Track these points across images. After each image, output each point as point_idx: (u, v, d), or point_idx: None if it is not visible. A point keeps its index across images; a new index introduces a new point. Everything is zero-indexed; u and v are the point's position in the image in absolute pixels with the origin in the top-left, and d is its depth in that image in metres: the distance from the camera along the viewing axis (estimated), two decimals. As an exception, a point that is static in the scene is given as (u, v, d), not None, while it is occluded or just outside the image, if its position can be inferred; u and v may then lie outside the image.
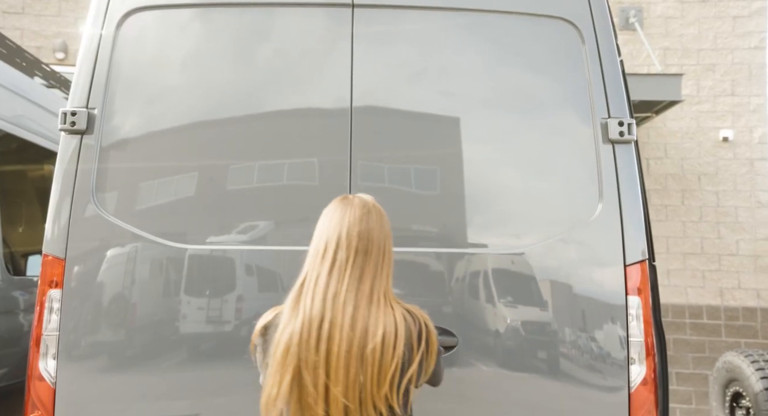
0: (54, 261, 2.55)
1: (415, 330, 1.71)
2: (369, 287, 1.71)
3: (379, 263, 1.76)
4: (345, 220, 1.79)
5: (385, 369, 1.64)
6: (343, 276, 1.71)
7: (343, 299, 1.68)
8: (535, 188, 2.70)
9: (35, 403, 2.47)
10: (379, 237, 1.78)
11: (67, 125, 2.63)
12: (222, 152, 2.70)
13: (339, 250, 1.74)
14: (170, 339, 2.57)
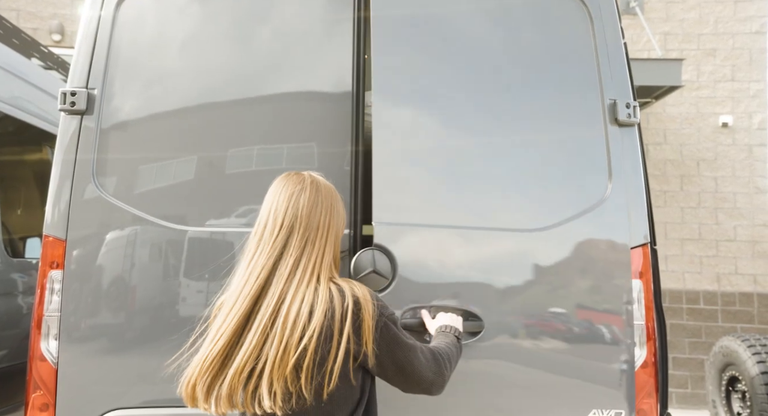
0: (55, 242, 2.55)
1: (339, 310, 1.64)
2: (292, 264, 1.70)
3: (310, 239, 1.73)
4: (276, 197, 1.81)
5: (289, 348, 1.60)
6: (264, 252, 1.73)
7: (264, 276, 1.69)
8: (551, 168, 2.68)
9: (37, 383, 2.48)
10: (310, 214, 1.76)
11: (67, 106, 2.62)
12: (222, 135, 2.69)
13: (266, 227, 1.77)
14: (170, 322, 2.57)
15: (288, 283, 1.69)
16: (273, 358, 1.61)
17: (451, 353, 1.96)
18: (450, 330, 2.14)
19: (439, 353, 1.89)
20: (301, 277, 1.69)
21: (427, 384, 1.82)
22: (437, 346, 1.96)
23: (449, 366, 1.90)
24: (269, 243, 1.74)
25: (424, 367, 1.80)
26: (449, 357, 1.92)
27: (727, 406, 5.98)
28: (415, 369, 1.77)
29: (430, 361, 1.82)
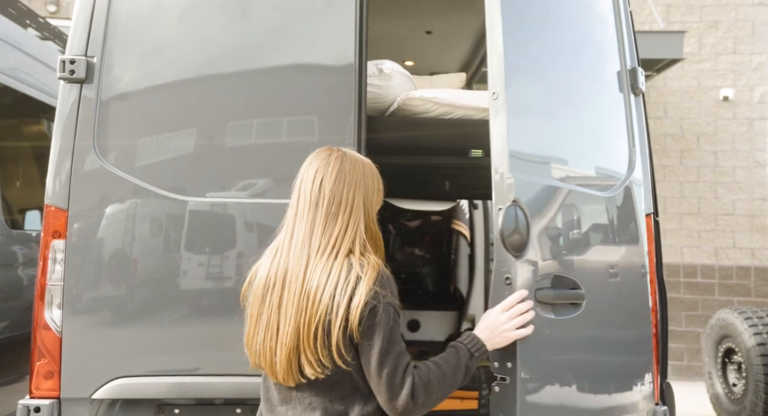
0: (56, 212, 2.54)
1: (342, 285, 1.68)
2: (318, 239, 1.75)
3: (332, 214, 1.76)
4: (305, 174, 1.85)
5: (311, 319, 1.69)
6: (299, 227, 1.78)
7: (298, 250, 1.76)
8: (585, 138, 2.61)
9: (42, 351, 2.49)
10: (334, 189, 1.78)
11: (66, 74, 2.59)
12: (222, 107, 2.68)
13: (297, 203, 1.82)
14: (171, 294, 2.58)
15: (313, 258, 1.74)
16: (302, 328, 1.69)
17: (444, 376, 1.77)
18: (469, 344, 1.88)
19: (421, 377, 1.73)
20: (323, 252, 1.74)
21: (382, 397, 1.71)
22: (430, 367, 1.77)
23: (432, 392, 1.73)
24: (302, 219, 1.79)
25: (386, 379, 1.69)
26: (439, 379, 1.75)
27: (722, 377, 6.05)
28: (377, 373, 1.69)
29: (398, 377, 1.69)
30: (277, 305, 1.74)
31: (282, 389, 1.79)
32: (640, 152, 2.62)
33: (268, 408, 1.83)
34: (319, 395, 1.73)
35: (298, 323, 1.70)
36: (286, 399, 1.78)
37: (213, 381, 2.55)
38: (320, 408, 1.72)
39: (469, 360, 1.83)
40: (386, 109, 3.04)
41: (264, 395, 1.86)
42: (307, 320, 1.69)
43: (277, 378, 1.76)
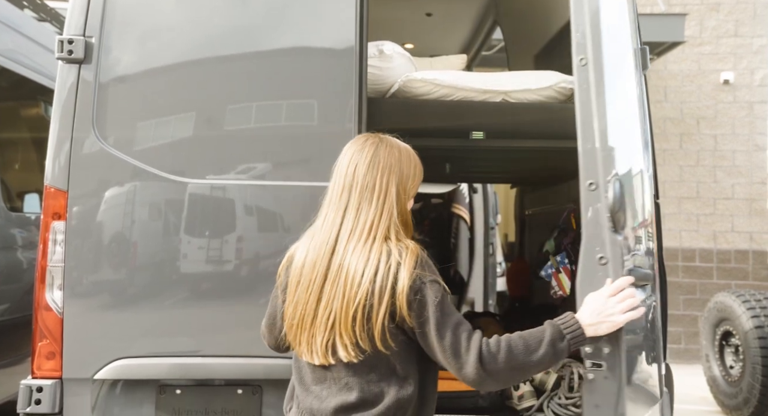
0: (56, 193, 2.54)
1: (383, 270, 1.70)
2: (352, 223, 1.77)
3: (366, 199, 1.78)
4: (341, 159, 1.88)
5: (349, 302, 1.70)
6: (332, 211, 1.81)
7: (335, 234, 1.78)
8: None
9: (43, 332, 2.50)
10: (366, 175, 1.79)
11: (65, 54, 2.57)
12: (222, 89, 2.67)
13: (334, 188, 1.84)
14: (171, 278, 2.59)
15: (349, 242, 1.76)
16: (339, 312, 1.72)
17: (517, 349, 1.71)
18: (564, 324, 1.79)
19: (490, 344, 1.70)
20: (359, 236, 1.75)
21: (453, 369, 1.71)
22: (510, 338, 1.74)
23: (501, 361, 1.69)
24: (335, 203, 1.81)
25: (449, 347, 1.68)
26: (508, 352, 1.70)
27: (720, 360, 6.09)
28: (441, 346, 1.69)
29: (462, 346, 1.68)
30: (310, 288, 1.76)
31: (316, 369, 1.81)
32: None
33: (303, 388, 1.84)
34: (356, 376, 1.75)
35: (335, 306, 1.72)
36: (321, 378, 1.80)
37: (214, 362, 2.56)
38: (357, 388, 1.74)
39: (559, 341, 1.74)
40: (387, 91, 3.02)
41: (296, 375, 1.88)
42: (345, 304, 1.71)
43: (312, 358, 1.78)
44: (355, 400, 1.73)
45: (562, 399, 3.13)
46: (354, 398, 1.73)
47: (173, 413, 2.55)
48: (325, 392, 1.78)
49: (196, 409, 2.56)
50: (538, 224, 4.91)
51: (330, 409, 1.75)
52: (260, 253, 2.64)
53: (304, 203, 2.65)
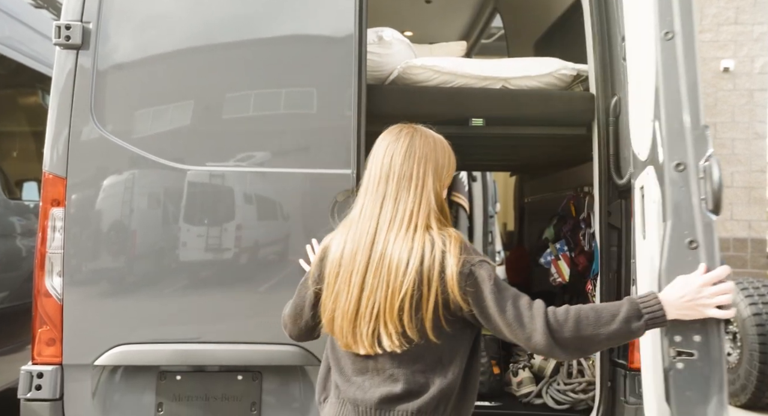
0: (55, 180, 2.53)
1: (428, 259, 1.70)
2: (391, 213, 1.77)
3: (403, 188, 1.78)
4: (376, 149, 1.88)
5: (394, 292, 1.70)
6: (369, 201, 1.81)
7: (374, 225, 1.78)
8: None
9: (43, 318, 2.50)
10: (402, 164, 1.80)
11: (62, 40, 2.56)
12: (221, 77, 2.65)
13: (369, 178, 1.84)
14: (170, 267, 2.59)
15: (389, 231, 1.75)
16: (383, 302, 1.71)
17: (587, 320, 1.68)
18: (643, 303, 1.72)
19: (558, 312, 1.70)
20: (399, 225, 1.75)
21: (522, 340, 1.70)
22: (581, 308, 1.72)
23: (568, 329, 1.67)
24: (373, 193, 1.81)
25: (514, 320, 1.68)
26: (577, 321, 1.68)
27: (718, 347, 6.10)
28: (505, 321, 1.69)
29: (525, 315, 1.68)
30: (352, 279, 1.76)
31: (357, 360, 1.80)
32: None
33: (344, 379, 1.83)
34: (401, 367, 1.74)
35: (379, 296, 1.71)
36: (362, 369, 1.79)
37: (214, 348, 2.57)
38: (402, 379, 1.73)
39: (635, 320, 1.68)
40: (386, 77, 3.01)
41: (335, 365, 1.87)
42: (390, 294, 1.70)
43: (357, 349, 1.77)
44: (400, 391, 1.72)
45: (561, 385, 3.15)
46: (399, 389, 1.72)
47: (174, 399, 2.56)
48: (367, 382, 1.77)
49: (197, 395, 2.57)
50: (537, 212, 4.91)
51: (375, 400, 1.74)
52: (260, 240, 2.64)
53: (303, 190, 2.66)
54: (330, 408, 1.84)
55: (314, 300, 1.91)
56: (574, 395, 3.08)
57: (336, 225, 2.59)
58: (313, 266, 1.93)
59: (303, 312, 1.96)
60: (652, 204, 1.96)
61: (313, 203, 2.62)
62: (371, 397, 1.74)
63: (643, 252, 2.11)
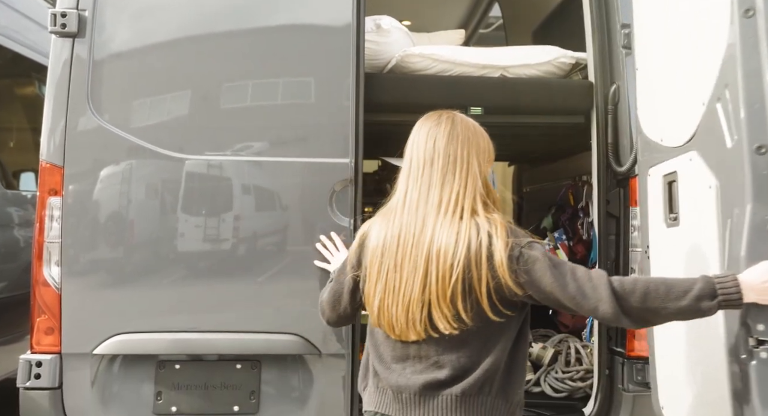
0: (52, 169, 2.53)
1: (475, 244, 1.69)
2: (437, 198, 1.76)
3: (449, 172, 1.77)
4: (416, 135, 1.86)
5: (444, 277, 1.69)
6: (416, 187, 1.79)
7: (414, 209, 1.77)
8: None
9: (41, 308, 2.50)
10: (448, 147, 1.79)
11: (58, 27, 2.55)
12: (218, 67, 2.65)
13: (411, 164, 1.82)
14: (168, 257, 2.58)
15: (437, 216, 1.74)
16: (435, 288, 1.69)
17: (656, 293, 1.65)
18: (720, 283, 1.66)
19: (625, 282, 1.68)
20: (446, 210, 1.74)
21: (588, 311, 1.69)
22: (650, 280, 1.72)
23: (636, 300, 1.65)
24: (417, 179, 1.79)
25: (576, 292, 1.67)
26: (645, 293, 1.65)
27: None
28: (568, 295, 1.68)
29: (587, 286, 1.67)
30: (395, 265, 1.74)
31: (397, 347, 1.80)
32: None
33: (384, 366, 1.82)
34: (447, 352, 1.74)
35: (428, 281, 1.70)
36: (403, 357, 1.79)
37: (213, 337, 2.57)
38: (448, 366, 1.73)
39: (708, 299, 1.63)
40: (384, 66, 3.00)
41: (374, 353, 1.86)
42: (440, 280, 1.69)
43: (403, 336, 1.76)
44: (444, 377, 1.72)
45: (559, 374, 3.16)
46: (444, 375, 1.73)
47: (173, 388, 2.56)
48: (408, 369, 1.77)
49: (196, 384, 2.57)
50: (535, 202, 4.91)
51: (418, 386, 1.74)
52: (258, 228, 2.63)
53: (302, 179, 2.65)
54: (369, 396, 1.85)
55: (352, 286, 1.92)
56: (572, 383, 3.09)
57: (334, 215, 2.63)
58: (351, 252, 1.93)
59: (342, 298, 1.97)
60: (708, 190, 1.87)
61: (312, 193, 2.62)
62: (414, 384, 1.74)
63: (673, 239, 2.06)
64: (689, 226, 1.99)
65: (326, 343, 2.57)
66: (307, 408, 2.60)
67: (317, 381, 2.60)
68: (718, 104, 1.83)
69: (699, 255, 1.93)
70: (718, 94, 1.83)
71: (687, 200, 2.01)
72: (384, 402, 1.80)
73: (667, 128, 2.12)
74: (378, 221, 1.86)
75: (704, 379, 1.92)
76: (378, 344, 1.85)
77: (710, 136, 1.87)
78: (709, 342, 1.87)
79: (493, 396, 1.73)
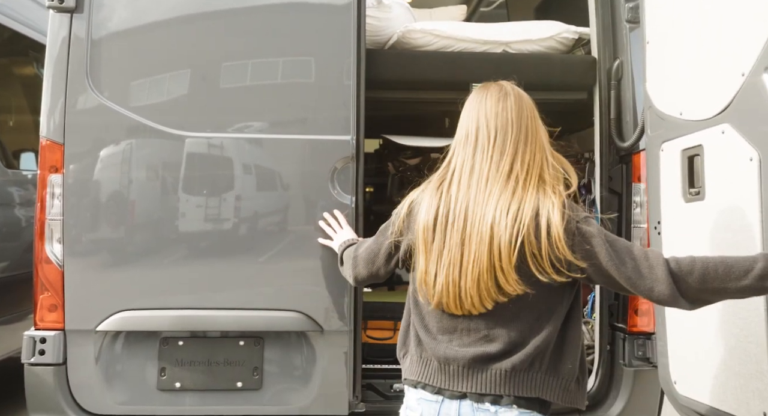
0: (52, 146, 2.52)
1: (535, 215, 1.68)
2: (509, 167, 1.73)
3: (521, 142, 1.76)
4: (482, 105, 1.81)
5: (509, 248, 1.67)
6: (484, 157, 1.76)
7: (486, 179, 1.74)
8: None
9: (44, 285, 2.50)
10: (518, 118, 1.78)
11: (55, 2, 2.53)
12: (218, 45, 2.63)
13: (479, 134, 1.78)
14: (169, 237, 2.59)
15: (505, 186, 1.72)
16: (501, 255, 1.67)
17: (716, 273, 1.63)
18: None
19: (682, 262, 1.66)
20: (516, 179, 1.72)
21: (643, 291, 1.68)
22: (708, 260, 1.66)
23: (694, 280, 1.63)
24: (486, 150, 1.76)
25: (633, 272, 1.66)
26: (704, 273, 1.63)
27: None
28: (624, 275, 1.66)
29: (644, 266, 1.66)
30: (463, 240, 1.71)
31: (444, 318, 1.78)
32: None
33: (430, 337, 1.81)
34: (498, 326, 1.73)
35: (493, 250, 1.68)
36: (450, 328, 1.77)
37: (216, 314, 2.58)
38: (499, 340, 1.72)
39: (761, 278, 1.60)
40: (385, 42, 2.97)
41: (419, 322, 1.84)
42: (504, 246, 1.66)
43: (462, 309, 1.73)
44: (495, 351, 1.72)
45: (561, 350, 3.17)
46: (494, 349, 1.72)
47: (176, 364, 2.57)
48: (456, 341, 1.76)
49: (199, 360, 2.58)
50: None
51: (467, 359, 1.73)
52: (258, 203, 2.63)
53: (303, 156, 2.64)
54: (411, 364, 1.84)
55: (391, 251, 1.95)
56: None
57: (335, 192, 2.62)
58: (397, 219, 1.90)
59: (377, 259, 2.01)
60: (749, 162, 1.81)
61: (313, 171, 2.61)
62: (463, 356, 1.73)
63: (695, 215, 2.03)
64: (718, 200, 1.95)
65: (328, 320, 2.58)
66: (310, 384, 2.62)
67: (320, 357, 2.61)
68: (765, 75, 1.75)
69: (728, 230, 1.90)
70: (765, 63, 1.75)
71: (716, 174, 1.97)
72: (428, 373, 1.79)
73: (688, 101, 2.08)
74: (431, 192, 1.81)
75: (733, 353, 1.90)
76: (424, 314, 1.83)
77: (751, 107, 1.81)
78: (745, 315, 1.84)
79: (543, 372, 1.73)
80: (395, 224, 1.91)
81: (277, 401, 2.61)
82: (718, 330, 1.93)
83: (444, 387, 1.75)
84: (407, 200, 1.90)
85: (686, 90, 2.09)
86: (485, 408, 1.71)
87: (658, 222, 2.28)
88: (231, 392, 2.60)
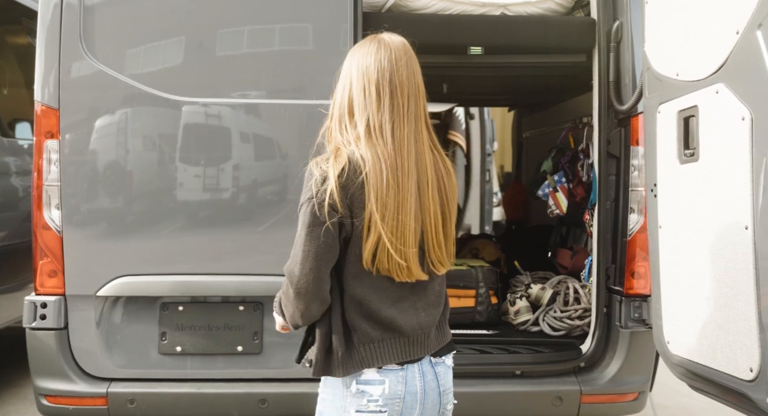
0: (48, 111, 2.50)
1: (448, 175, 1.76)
2: (424, 131, 1.69)
3: (422, 106, 1.70)
4: (392, 63, 1.66)
5: (452, 209, 1.72)
6: (405, 122, 1.64)
7: (416, 141, 1.66)
8: None
9: (44, 251, 2.51)
10: (419, 81, 1.69)
11: None
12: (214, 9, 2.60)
13: (394, 96, 1.64)
14: (168, 207, 2.60)
15: (428, 149, 1.70)
16: (449, 218, 1.73)
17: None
18: None
19: None
20: (430, 143, 1.71)
21: None
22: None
23: None
24: (405, 113, 1.65)
25: None
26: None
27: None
28: None
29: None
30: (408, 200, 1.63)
31: (402, 286, 1.66)
32: None
33: (389, 304, 1.67)
34: (444, 282, 1.78)
35: (445, 213, 1.72)
36: (404, 295, 1.68)
37: (215, 279, 2.59)
38: (444, 293, 1.79)
39: None
40: (383, 5, 2.93)
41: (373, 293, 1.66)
42: (449, 207, 1.73)
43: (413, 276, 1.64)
44: (444, 305, 1.78)
45: (558, 313, 3.20)
46: (443, 301, 1.78)
47: (176, 329, 2.59)
48: (420, 303, 1.70)
49: (199, 325, 2.61)
50: (535, 147, 4.89)
51: (433, 321, 1.73)
52: (255, 168, 2.63)
53: (299, 121, 2.63)
54: (373, 351, 1.67)
55: (338, 232, 1.62)
56: (570, 321, 3.14)
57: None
58: (334, 195, 1.59)
59: (333, 258, 1.65)
60: (741, 121, 1.78)
61: (311, 137, 2.59)
62: (431, 321, 1.72)
63: (689, 176, 2.03)
64: (711, 161, 1.94)
65: (327, 284, 2.60)
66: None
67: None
68: (758, 32, 1.72)
69: (722, 190, 1.89)
70: (759, 20, 1.71)
71: (710, 135, 1.95)
72: (404, 350, 1.67)
73: (684, 61, 2.06)
74: (366, 154, 1.64)
75: (723, 311, 1.90)
76: (373, 289, 1.66)
77: (745, 65, 1.78)
78: (734, 273, 1.83)
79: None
80: (337, 201, 1.61)
81: (278, 364, 2.63)
82: (709, 289, 1.95)
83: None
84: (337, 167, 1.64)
85: (683, 50, 2.07)
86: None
87: (654, 185, 2.28)
88: (232, 356, 2.63)
